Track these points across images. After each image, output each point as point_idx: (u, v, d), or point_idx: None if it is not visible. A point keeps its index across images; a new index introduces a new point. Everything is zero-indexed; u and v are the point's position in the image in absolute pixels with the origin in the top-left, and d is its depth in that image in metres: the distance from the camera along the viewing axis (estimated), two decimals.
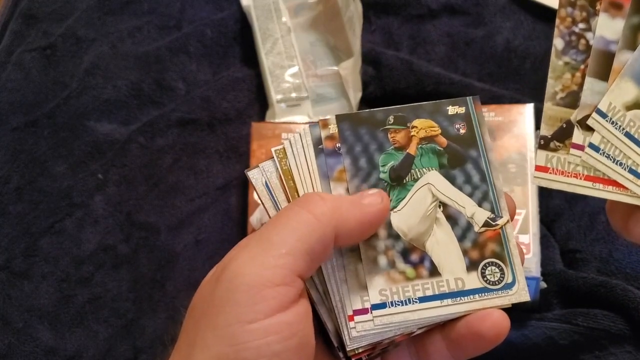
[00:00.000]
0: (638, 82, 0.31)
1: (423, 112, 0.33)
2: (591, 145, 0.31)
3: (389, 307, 0.30)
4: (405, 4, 0.66)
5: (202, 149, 0.60)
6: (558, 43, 0.32)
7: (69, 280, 0.54)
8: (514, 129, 0.53)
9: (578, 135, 0.32)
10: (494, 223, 0.32)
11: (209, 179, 0.59)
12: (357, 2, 0.61)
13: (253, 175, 0.32)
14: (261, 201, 0.32)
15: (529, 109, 0.54)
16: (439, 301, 0.30)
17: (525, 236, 0.49)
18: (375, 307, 0.30)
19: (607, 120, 0.31)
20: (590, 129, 0.31)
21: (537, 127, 0.55)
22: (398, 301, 0.30)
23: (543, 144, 0.32)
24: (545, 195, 0.54)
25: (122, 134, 0.60)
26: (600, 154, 0.31)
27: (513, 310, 0.31)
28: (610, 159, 0.31)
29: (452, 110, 0.34)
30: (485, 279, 0.31)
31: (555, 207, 0.55)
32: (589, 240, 0.52)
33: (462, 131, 0.33)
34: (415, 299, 0.30)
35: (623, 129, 0.31)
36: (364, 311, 0.30)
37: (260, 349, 0.25)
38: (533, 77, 0.62)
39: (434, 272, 0.31)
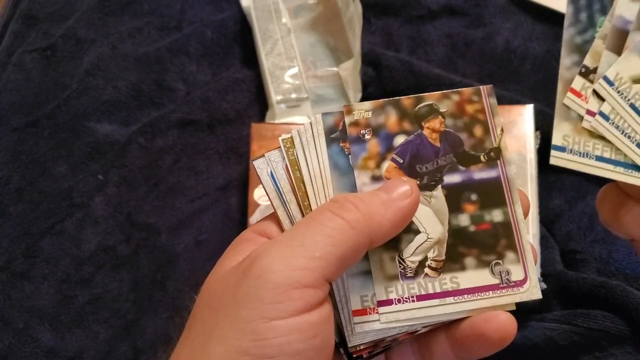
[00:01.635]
0: None
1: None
2: (601, 114, 0.32)
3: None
4: (405, 5, 0.66)
5: (202, 150, 0.60)
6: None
7: (69, 281, 0.54)
8: (514, 129, 0.54)
9: (593, 103, 0.32)
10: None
11: (209, 180, 0.59)
12: (357, 3, 0.61)
13: (258, 164, 0.32)
14: (266, 192, 0.31)
15: (528, 109, 0.54)
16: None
17: None
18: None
19: (613, 89, 0.32)
20: (602, 99, 0.32)
21: (537, 127, 0.55)
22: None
23: (584, 72, 0.32)
24: (545, 196, 0.55)
25: (122, 135, 0.60)
26: (610, 123, 0.32)
27: (513, 311, 0.31)
28: (619, 130, 0.32)
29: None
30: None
31: (555, 208, 0.55)
32: (588, 241, 0.52)
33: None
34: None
35: (629, 100, 0.32)
36: (388, 302, 0.30)
37: (282, 347, 0.25)
38: (533, 78, 0.62)
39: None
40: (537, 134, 0.55)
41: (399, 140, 0.32)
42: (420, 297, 0.30)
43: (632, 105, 0.32)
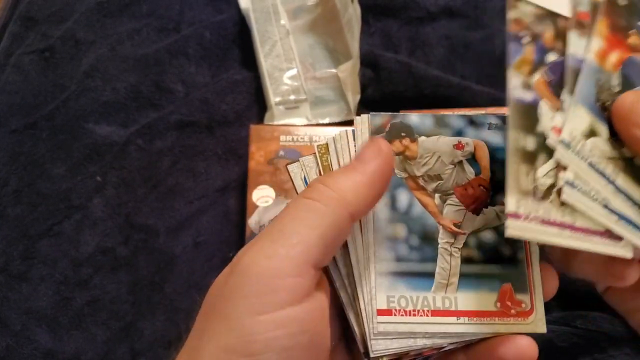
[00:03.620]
0: (589, 108, 0.30)
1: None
2: (568, 183, 0.29)
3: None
4: (404, 7, 0.66)
5: (200, 151, 0.60)
6: None
7: (67, 283, 0.54)
8: None
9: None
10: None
11: (208, 181, 0.59)
12: (356, 4, 0.61)
13: (292, 169, 0.32)
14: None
15: None
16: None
17: None
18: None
19: (572, 152, 0.30)
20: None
21: None
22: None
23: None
24: None
25: (120, 136, 0.60)
26: (578, 191, 0.29)
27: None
28: (587, 196, 0.29)
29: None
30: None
31: None
32: None
33: None
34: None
35: (586, 159, 0.30)
36: (518, 216, 0.29)
37: (268, 343, 0.24)
38: None
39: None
40: None
41: (551, 57, 0.31)
42: (545, 222, 0.29)
43: (590, 164, 0.30)
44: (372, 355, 0.29)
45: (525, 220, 0.28)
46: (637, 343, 0.45)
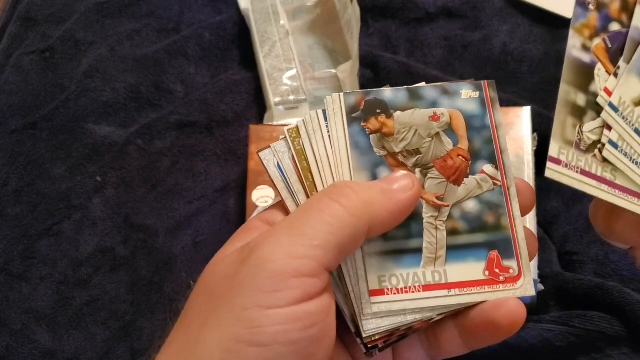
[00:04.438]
0: None
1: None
2: (611, 142, 0.31)
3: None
4: (403, 8, 0.66)
5: (200, 152, 0.60)
6: None
7: (67, 283, 0.54)
8: (512, 131, 0.54)
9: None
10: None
11: (207, 182, 0.59)
12: (355, 5, 0.61)
13: (264, 156, 0.32)
14: (273, 183, 0.31)
15: (526, 111, 0.54)
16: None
17: None
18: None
19: (618, 115, 0.31)
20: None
21: (534, 129, 0.55)
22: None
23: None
24: (542, 198, 0.55)
25: (120, 137, 0.60)
26: (619, 151, 0.31)
27: None
28: (628, 157, 0.31)
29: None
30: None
31: (552, 210, 0.55)
32: (585, 243, 0.52)
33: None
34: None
35: (633, 125, 0.31)
36: (558, 161, 0.30)
37: (277, 335, 0.25)
38: (530, 80, 0.62)
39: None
40: (534, 136, 0.55)
41: (614, 27, 0.32)
42: (584, 172, 0.30)
43: (636, 130, 0.31)
44: (364, 335, 0.29)
45: (565, 167, 0.30)
46: (635, 342, 0.45)
